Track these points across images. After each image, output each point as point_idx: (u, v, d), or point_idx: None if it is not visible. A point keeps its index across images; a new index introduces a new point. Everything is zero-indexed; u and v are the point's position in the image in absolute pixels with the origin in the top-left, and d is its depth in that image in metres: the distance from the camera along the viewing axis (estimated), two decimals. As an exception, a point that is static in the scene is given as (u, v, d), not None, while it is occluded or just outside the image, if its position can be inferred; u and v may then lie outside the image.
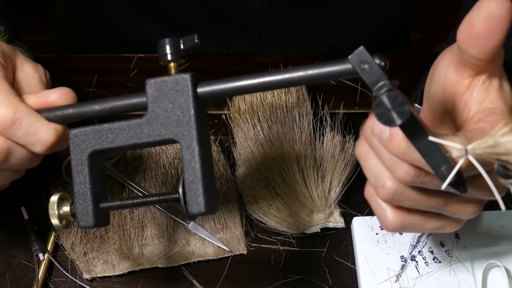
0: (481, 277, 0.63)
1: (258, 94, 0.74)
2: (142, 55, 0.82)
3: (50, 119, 0.52)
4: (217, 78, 0.49)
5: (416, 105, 0.64)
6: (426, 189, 0.48)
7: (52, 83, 0.59)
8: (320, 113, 0.74)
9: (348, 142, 0.71)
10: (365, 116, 0.76)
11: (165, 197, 0.49)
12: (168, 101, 0.48)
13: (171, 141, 0.48)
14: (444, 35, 1.51)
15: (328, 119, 0.73)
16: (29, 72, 0.57)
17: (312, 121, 0.72)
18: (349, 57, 0.45)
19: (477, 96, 0.49)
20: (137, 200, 0.50)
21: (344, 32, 0.92)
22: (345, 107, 0.77)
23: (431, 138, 0.44)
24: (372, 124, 0.47)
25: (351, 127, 0.74)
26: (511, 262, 0.65)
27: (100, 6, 0.93)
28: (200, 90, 0.48)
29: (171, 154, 0.72)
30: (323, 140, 0.71)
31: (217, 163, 0.71)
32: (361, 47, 0.44)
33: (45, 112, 0.52)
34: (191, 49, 0.50)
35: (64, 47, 1.17)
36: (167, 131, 0.48)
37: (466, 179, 0.46)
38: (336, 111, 0.75)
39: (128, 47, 0.95)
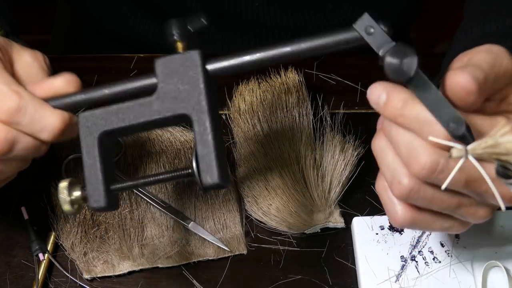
0: (481, 277, 0.63)
1: (258, 94, 0.74)
2: (142, 55, 0.82)
3: (59, 108, 0.51)
4: (217, 78, 0.49)
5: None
6: (441, 191, 0.48)
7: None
8: (320, 113, 0.74)
9: (348, 142, 0.71)
10: (365, 116, 0.77)
11: (178, 173, 0.49)
12: (178, 77, 0.48)
13: (182, 117, 0.48)
14: (444, 35, 1.50)
15: (328, 119, 0.73)
16: (28, 60, 0.55)
17: (312, 121, 0.72)
18: (355, 23, 0.46)
19: None
20: (148, 179, 0.49)
21: (344, 31, 0.92)
22: (345, 107, 0.77)
23: (430, 138, 0.44)
24: (368, 92, 0.47)
25: (351, 127, 0.73)
26: (511, 262, 0.65)
27: (100, 5, 0.93)
28: (209, 67, 0.49)
29: (171, 154, 0.72)
30: (323, 140, 0.71)
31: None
32: (366, 14, 0.46)
33: (53, 101, 0.51)
34: (199, 30, 0.51)
35: (64, 47, 1.17)
36: (178, 106, 0.48)
37: (478, 183, 0.46)
38: (336, 111, 0.75)
39: (128, 45, 0.95)
